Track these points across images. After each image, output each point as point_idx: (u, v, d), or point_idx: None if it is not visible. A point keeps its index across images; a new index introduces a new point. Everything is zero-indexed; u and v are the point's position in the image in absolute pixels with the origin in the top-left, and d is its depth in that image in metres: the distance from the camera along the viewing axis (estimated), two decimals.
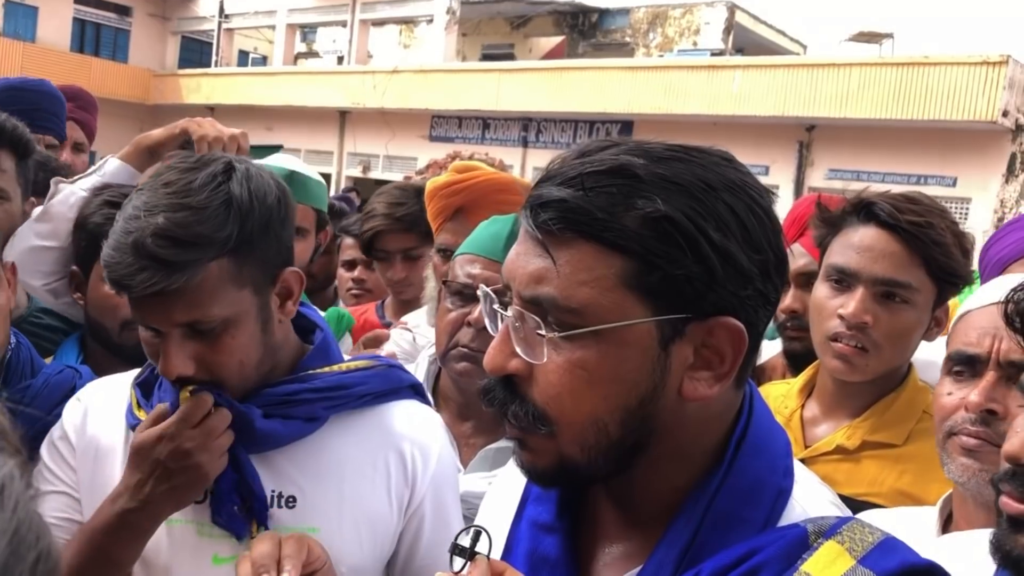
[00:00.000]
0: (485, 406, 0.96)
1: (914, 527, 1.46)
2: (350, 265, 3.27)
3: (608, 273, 0.86)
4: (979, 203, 14.57)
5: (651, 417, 0.89)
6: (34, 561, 0.52)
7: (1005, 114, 14.00)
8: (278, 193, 1.37)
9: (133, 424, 1.42)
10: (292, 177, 2.30)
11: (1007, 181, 14.48)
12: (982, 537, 1.24)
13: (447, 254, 2.31)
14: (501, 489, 1.18)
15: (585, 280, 0.86)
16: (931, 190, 14.56)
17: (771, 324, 3.16)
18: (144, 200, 1.29)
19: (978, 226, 14.46)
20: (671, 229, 0.85)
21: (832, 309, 1.78)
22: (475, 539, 0.91)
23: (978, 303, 1.46)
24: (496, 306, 0.93)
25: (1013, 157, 14.45)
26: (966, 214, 14.66)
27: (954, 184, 14.79)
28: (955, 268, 1.76)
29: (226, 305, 1.31)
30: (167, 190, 1.30)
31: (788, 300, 2.26)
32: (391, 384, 1.51)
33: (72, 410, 1.51)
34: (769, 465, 0.94)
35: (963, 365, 1.43)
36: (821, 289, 1.83)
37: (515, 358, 0.90)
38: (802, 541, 0.87)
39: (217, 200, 1.29)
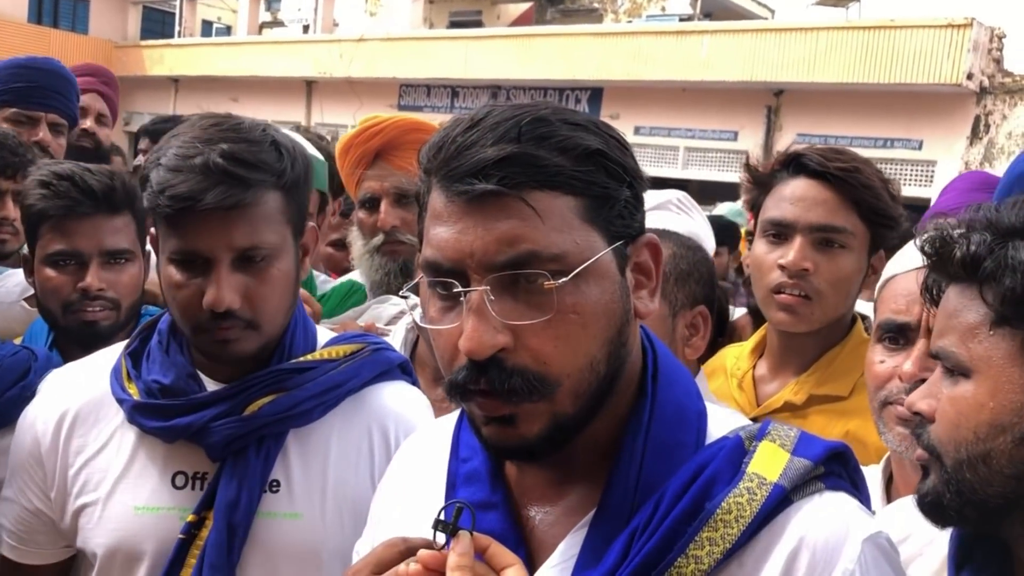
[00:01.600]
0: (457, 400, 0.94)
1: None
2: None
3: (571, 214, 0.90)
4: (944, 165, 14.69)
5: (624, 344, 0.95)
6: None
7: (970, 77, 14.09)
8: (305, 152, 1.45)
9: (120, 398, 1.42)
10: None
11: (971, 143, 14.61)
12: None
13: (372, 204, 2.30)
14: (417, 482, 1.15)
15: (555, 226, 0.89)
16: (897, 153, 14.66)
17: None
18: (194, 136, 1.32)
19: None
20: (603, 161, 0.92)
21: (772, 262, 1.80)
22: (457, 514, 0.90)
23: (903, 267, 1.45)
24: (457, 289, 0.90)
25: (977, 119, 14.57)
26: (932, 176, 14.79)
27: (920, 147, 14.90)
28: (886, 210, 1.79)
29: (277, 235, 1.36)
30: (218, 128, 1.35)
31: (747, 256, 2.31)
32: (380, 368, 1.51)
33: (42, 415, 1.48)
34: (684, 391, 1.01)
35: (893, 333, 1.43)
36: (759, 246, 1.85)
37: (500, 332, 0.88)
38: (740, 447, 0.95)
39: (268, 140, 1.36)
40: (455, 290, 0.90)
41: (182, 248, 1.32)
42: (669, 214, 3.18)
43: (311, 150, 2.28)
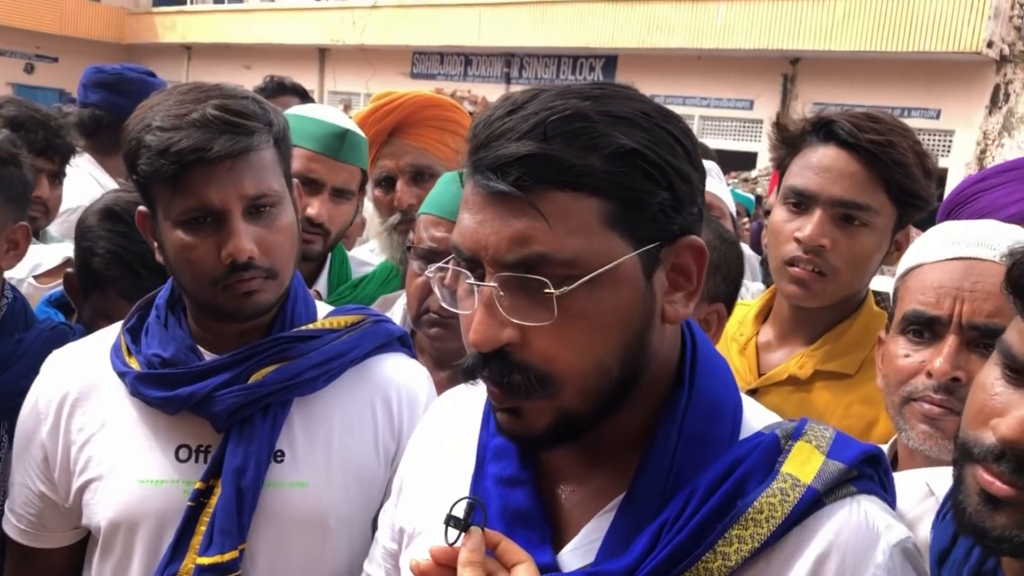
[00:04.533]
0: (468, 382, 0.94)
1: None
2: None
3: (590, 218, 0.86)
4: (962, 135, 14.54)
5: (645, 350, 0.92)
6: None
7: (990, 44, 13.89)
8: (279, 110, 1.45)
9: (120, 371, 1.42)
10: (346, 136, 2.10)
11: (990, 113, 14.43)
12: (913, 477, 1.27)
13: (388, 183, 2.29)
14: (448, 452, 1.15)
15: (572, 230, 0.86)
16: (914, 122, 14.50)
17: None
18: (178, 99, 1.33)
19: (961, 159, 14.45)
20: (639, 161, 0.87)
21: (789, 233, 1.72)
22: (469, 510, 0.90)
23: (934, 255, 1.37)
24: (471, 281, 0.90)
25: (997, 88, 14.38)
26: (949, 147, 14.64)
27: (938, 116, 14.74)
28: (916, 190, 1.70)
29: (279, 184, 1.38)
30: (199, 90, 1.35)
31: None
32: (381, 339, 1.52)
33: (44, 396, 1.46)
34: (722, 383, 0.99)
35: (920, 326, 1.35)
36: (778, 212, 1.76)
37: (507, 328, 0.88)
38: (775, 446, 0.94)
39: (248, 96, 1.38)
40: (468, 281, 0.90)
41: (192, 206, 1.31)
42: (713, 180, 3.19)
43: (356, 128, 2.18)
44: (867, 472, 0.96)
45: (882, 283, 2.32)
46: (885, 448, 1.49)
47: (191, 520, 1.36)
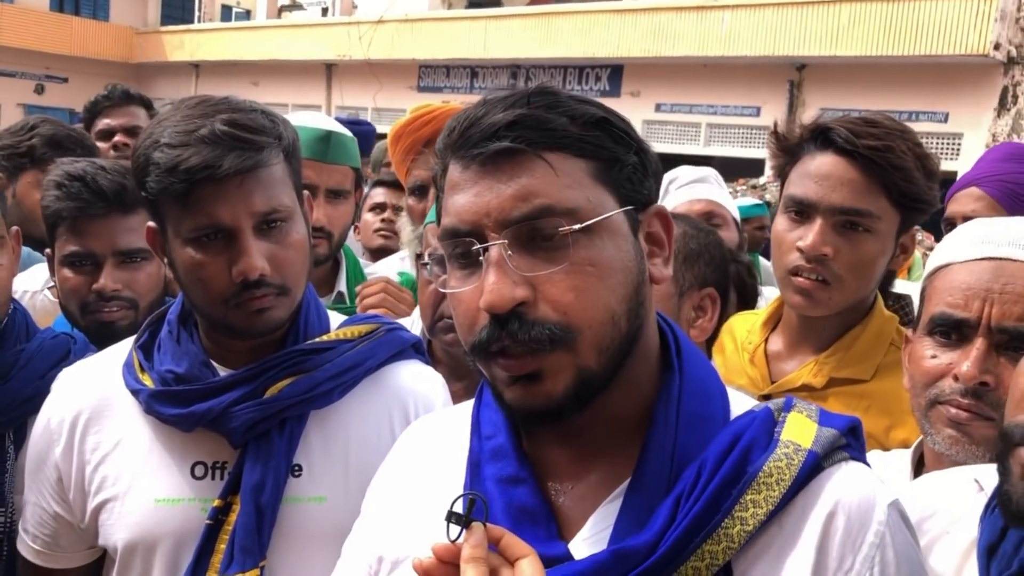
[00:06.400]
0: (479, 361, 0.95)
1: (888, 470, 1.45)
2: (380, 208, 3.35)
3: (583, 174, 0.94)
4: (971, 138, 14.50)
5: (643, 303, 0.98)
6: None
7: (996, 47, 13.86)
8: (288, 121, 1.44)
9: (134, 388, 1.41)
10: (330, 138, 2.22)
11: (999, 115, 14.39)
12: (959, 474, 1.25)
13: (422, 192, 2.34)
14: (428, 474, 1.13)
15: (569, 184, 0.93)
16: (923, 126, 14.45)
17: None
18: (186, 115, 1.31)
19: (970, 162, 14.38)
20: (609, 128, 0.97)
21: (791, 242, 1.70)
22: (470, 506, 0.89)
23: (963, 255, 1.33)
24: (476, 248, 0.93)
25: (1005, 90, 14.34)
26: (958, 150, 14.60)
27: (946, 120, 14.71)
28: (918, 193, 1.68)
29: (289, 199, 1.37)
30: (207, 104, 1.33)
31: None
32: (395, 347, 1.51)
33: (56, 415, 1.45)
34: (707, 367, 1.05)
35: (947, 328, 1.32)
36: (780, 222, 1.75)
37: (519, 286, 0.91)
38: (770, 417, 1.00)
39: (257, 109, 1.36)
40: (474, 248, 0.93)
41: (202, 223, 1.29)
42: (711, 186, 3.21)
43: (340, 129, 2.29)
44: (851, 442, 1.01)
45: (902, 287, 2.32)
46: (910, 452, 1.48)
47: (210, 538, 1.34)
